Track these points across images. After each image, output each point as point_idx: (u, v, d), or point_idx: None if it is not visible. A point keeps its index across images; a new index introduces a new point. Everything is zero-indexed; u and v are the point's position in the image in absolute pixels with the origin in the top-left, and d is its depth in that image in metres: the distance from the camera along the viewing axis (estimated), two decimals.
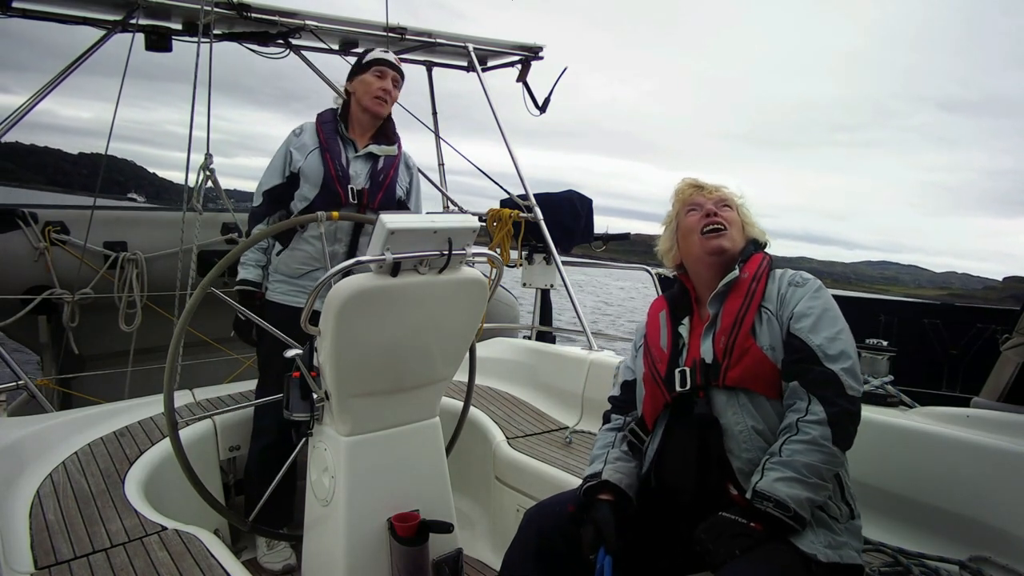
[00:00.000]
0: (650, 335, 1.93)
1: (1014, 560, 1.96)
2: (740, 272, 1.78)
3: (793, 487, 1.52)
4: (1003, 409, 2.80)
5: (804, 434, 1.56)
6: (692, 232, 1.87)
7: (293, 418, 2.01)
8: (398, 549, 2.00)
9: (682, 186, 1.96)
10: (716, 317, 1.78)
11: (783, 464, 1.54)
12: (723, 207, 1.88)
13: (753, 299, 1.74)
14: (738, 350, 1.69)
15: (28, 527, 1.88)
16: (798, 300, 1.71)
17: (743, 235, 1.88)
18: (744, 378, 1.67)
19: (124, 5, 3.59)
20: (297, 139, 2.75)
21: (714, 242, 1.83)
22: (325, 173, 2.67)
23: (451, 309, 2.02)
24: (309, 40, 4.05)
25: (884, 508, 2.17)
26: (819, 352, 1.62)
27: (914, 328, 6.50)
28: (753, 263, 1.81)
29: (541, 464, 2.60)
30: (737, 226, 1.87)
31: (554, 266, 4.43)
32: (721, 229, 1.83)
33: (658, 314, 1.95)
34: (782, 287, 1.76)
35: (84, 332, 4.00)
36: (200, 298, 1.98)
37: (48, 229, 3.91)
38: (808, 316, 1.68)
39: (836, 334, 1.65)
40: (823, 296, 1.73)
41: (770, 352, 1.68)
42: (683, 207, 1.92)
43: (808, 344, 1.64)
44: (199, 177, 3.42)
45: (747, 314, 1.72)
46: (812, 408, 1.58)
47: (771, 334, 1.70)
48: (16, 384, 3.09)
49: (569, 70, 4.77)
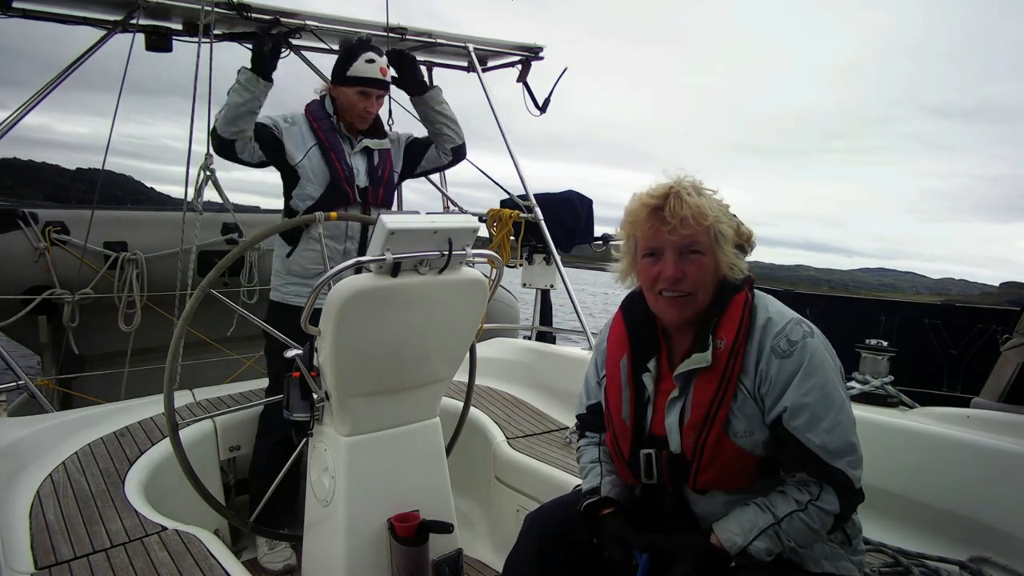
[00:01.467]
0: (611, 396, 1.66)
1: (1014, 560, 1.96)
2: (715, 342, 1.49)
3: (772, 547, 1.45)
4: (1003, 409, 2.81)
5: (812, 519, 1.44)
6: (648, 287, 1.57)
7: (293, 418, 2.01)
8: (398, 549, 2.00)
9: (635, 207, 1.55)
10: (686, 395, 1.52)
11: (779, 535, 1.45)
12: (690, 253, 1.50)
13: (730, 383, 1.47)
14: (710, 450, 1.48)
15: (28, 527, 1.88)
16: (786, 383, 1.44)
17: (716, 278, 1.53)
18: (718, 480, 1.50)
19: (124, 5, 3.59)
20: (289, 125, 2.69)
21: (673, 313, 1.54)
22: (332, 173, 2.67)
23: (451, 309, 2.02)
24: (309, 40, 4.05)
25: (884, 508, 2.17)
26: (820, 452, 1.42)
27: (914, 328, 6.51)
28: (731, 321, 1.49)
29: (541, 464, 2.59)
30: (708, 275, 1.52)
31: (554, 266, 4.44)
32: (682, 297, 1.52)
33: (618, 364, 1.65)
34: (762, 356, 1.47)
35: (84, 332, 4.01)
36: (199, 300, 1.98)
37: (48, 229, 3.91)
38: (804, 410, 1.42)
39: (834, 421, 1.43)
40: (816, 372, 1.44)
41: (746, 440, 1.47)
42: (639, 243, 1.57)
43: (807, 446, 1.42)
44: (199, 177, 3.42)
45: (722, 405, 1.47)
46: (826, 498, 1.44)
47: (746, 417, 1.47)
48: (16, 384, 3.09)
49: (565, 80, 4.77)
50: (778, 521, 1.44)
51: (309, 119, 2.72)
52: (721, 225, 1.51)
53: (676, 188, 1.51)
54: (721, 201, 1.57)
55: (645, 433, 1.60)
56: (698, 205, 1.49)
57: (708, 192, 1.55)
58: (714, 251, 1.51)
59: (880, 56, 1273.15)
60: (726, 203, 1.58)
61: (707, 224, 1.49)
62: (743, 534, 1.45)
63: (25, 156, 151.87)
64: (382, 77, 2.71)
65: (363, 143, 2.78)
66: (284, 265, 2.73)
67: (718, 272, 1.53)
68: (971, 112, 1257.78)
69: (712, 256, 1.52)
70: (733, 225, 1.55)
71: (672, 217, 1.48)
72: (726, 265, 1.52)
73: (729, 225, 1.53)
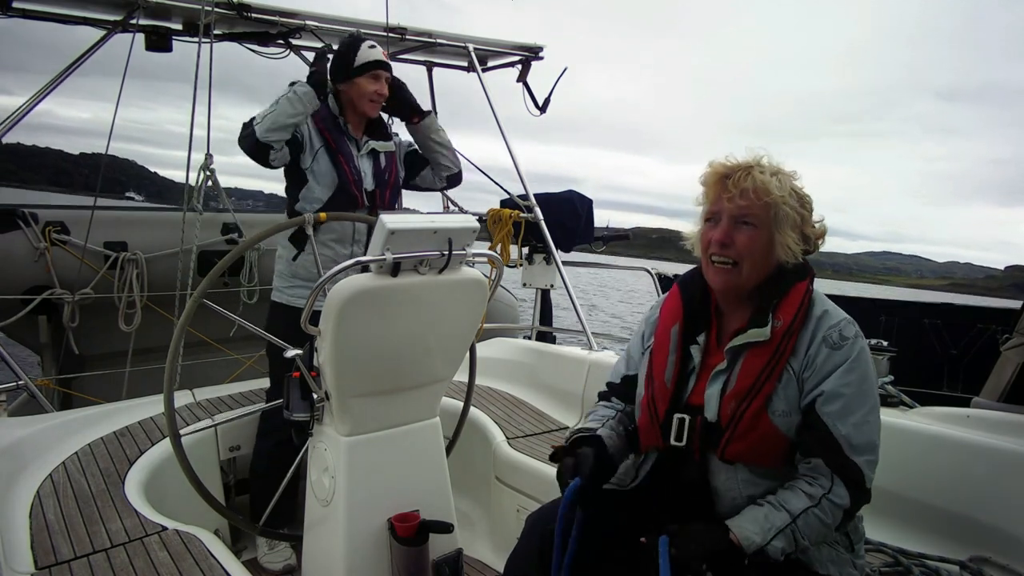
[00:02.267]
0: (656, 358, 1.70)
1: (1014, 560, 1.96)
2: (773, 320, 1.52)
3: (787, 547, 1.45)
4: (1003, 409, 2.81)
5: (825, 514, 1.45)
6: (703, 251, 1.63)
7: (293, 418, 2.01)
8: (398, 549, 2.00)
9: (708, 173, 1.62)
10: (732, 369, 1.56)
11: (795, 533, 1.45)
12: (743, 224, 1.55)
13: (780, 361, 1.51)
14: (747, 422, 1.51)
15: (28, 527, 1.88)
16: (829, 371, 1.49)
17: (767, 261, 1.56)
18: (746, 454, 1.52)
19: (124, 5, 3.59)
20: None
21: (718, 280, 1.59)
22: (340, 177, 2.66)
23: (451, 309, 2.02)
24: (309, 40, 4.05)
25: (884, 508, 2.17)
26: (843, 443, 1.45)
27: (914, 328, 6.51)
28: (791, 305, 1.53)
29: (541, 464, 2.59)
30: (756, 254, 1.55)
31: (554, 266, 4.44)
32: (728, 265, 1.56)
33: (669, 331, 1.70)
34: (814, 342, 1.51)
35: (84, 332, 4.00)
36: (196, 304, 1.98)
37: (48, 229, 3.91)
38: (839, 399, 1.47)
39: (864, 417, 1.47)
40: (859, 368, 1.49)
41: (782, 419, 1.50)
42: (704, 209, 1.64)
43: (833, 434, 1.46)
44: (199, 177, 3.42)
45: (769, 380, 1.50)
46: (838, 491, 1.46)
47: (787, 398, 1.51)
48: (16, 384, 3.09)
49: (568, 64, 4.77)
50: (794, 519, 1.45)
51: (314, 120, 2.70)
52: (786, 207, 1.54)
53: (750, 163, 1.57)
54: (800, 189, 1.60)
55: (683, 400, 1.64)
56: (764, 182, 1.53)
57: (786, 176, 1.58)
58: (769, 227, 1.55)
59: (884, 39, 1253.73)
60: (807, 194, 1.61)
61: (767, 200, 1.53)
62: (761, 533, 1.44)
63: (29, 142, 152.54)
64: (386, 59, 2.75)
65: (369, 145, 2.77)
66: (290, 268, 2.72)
67: (771, 250, 1.56)
68: (974, 95, 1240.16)
69: (766, 231, 1.55)
70: (801, 212, 1.57)
71: (734, 186, 1.55)
72: (780, 245, 1.55)
73: (796, 210, 1.56)
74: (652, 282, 5.08)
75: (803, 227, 1.58)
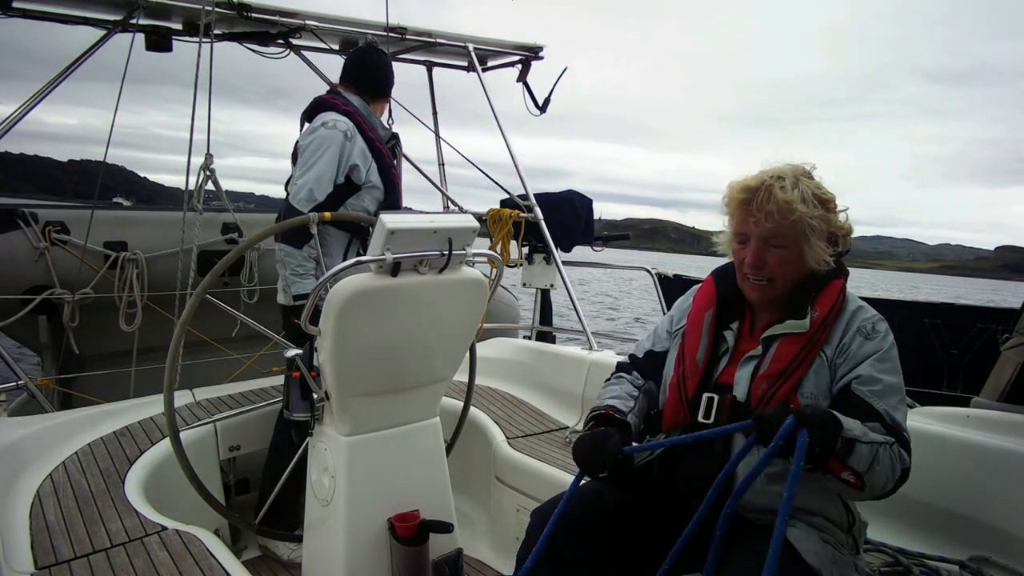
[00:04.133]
0: (689, 339, 1.75)
1: (1014, 560, 1.96)
2: (811, 312, 1.58)
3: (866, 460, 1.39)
4: (1003, 409, 2.81)
5: (895, 457, 1.44)
6: (737, 267, 1.70)
7: (293, 418, 2.01)
8: (398, 549, 2.00)
9: (729, 196, 1.67)
10: (766, 355, 1.61)
11: (878, 454, 1.41)
12: (771, 248, 1.60)
13: (814, 348, 1.56)
14: (776, 402, 1.54)
15: (28, 527, 1.88)
16: (863, 358, 1.54)
17: (800, 270, 1.62)
18: None
19: (124, 5, 3.59)
20: (351, 144, 2.61)
21: (754, 296, 1.67)
22: (390, 185, 2.70)
23: (451, 309, 2.02)
24: (309, 40, 4.05)
25: (884, 508, 2.16)
26: (886, 416, 1.48)
27: (914, 328, 6.50)
28: (828, 298, 1.60)
29: (541, 464, 2.59)
30: (789, 267, 1.61)
31: (554, 266, 4.44)
32: (763, 282, 1.63)
33: (703, 314, 1.76)
34: (848, 332, 1.57)
35: (84, 332, 4.00)
36: (197, 303, 1.98)
37: (48, 229, 3.91)
38: (876, 383, 1.52)
39: (897, 405, 1.52)
40: (891, 360, 1.55)
41: (810, 402, 1.55)
42: (732, 227, 1.69)
43: (875, 407, 1.48)
44: (199, 177, 3.42)
45: (802, 365, 1.56)
46: (902, 452, 1.46)
47: (817, 383, 1.55)
48: (16, 384, 3.09)
49: (556, 55, 4.78)
50: (879, 444, 1.43)
51: (363, 128, 2.67)
52: (812, 220, 1.57)
53: (769, 182, 1.59)
54: (822, 191, 1.62)
55: (712, 380, 1.68)
56: (787, 201, 1.56)
57: (806, 181, 1.61)
58: (799, 244, 1.59)
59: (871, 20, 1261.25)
60: (827, 192, 1.62)
61: (793, 219, 1.56)
62: (860, 432, 1.41)
63: (16, 150, 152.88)
64: None
65: (392, 150, 2.83)
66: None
67: (802, 263, 1.61)
68: (963, 75, 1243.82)
69: (795, 248, 1.59)
70: (826, 219, 1.60)
71: (758, 211, 1.58)
72: (812, 259, 1.60)
73: (822, 219, 1.59)
74: (652, 282, 5.08)
75: (830, 230, 1.62)
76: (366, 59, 2.87)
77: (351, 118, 2.65)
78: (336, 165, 2.56)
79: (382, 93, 2.80)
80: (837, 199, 1.66)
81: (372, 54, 2.90)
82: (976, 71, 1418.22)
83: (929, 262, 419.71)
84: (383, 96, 2.80)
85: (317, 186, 2.54)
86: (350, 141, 2.60)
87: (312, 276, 2.56)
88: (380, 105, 2.80)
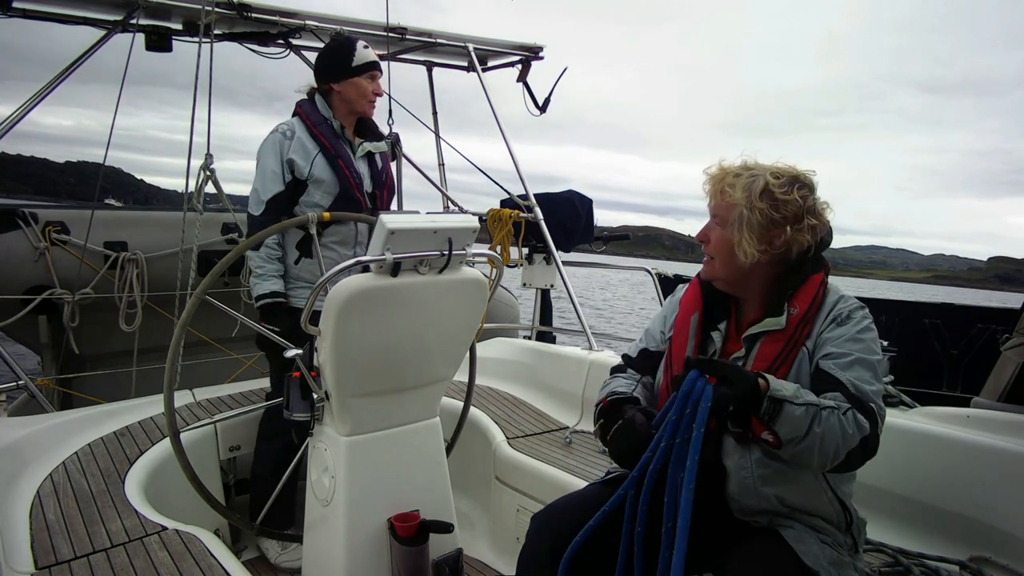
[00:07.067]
0: (675, 344, 1.76)
1: (1014, 560, 1.96)
2: (789, 309, 1.60)
3: (804, 420, 1.40)
4: (1003, 409, 2.81)
5: (847, 423, 1.42)
6: None
7: (293, 418, 2.01)
8: (398, 549, 2.00)
9: (707, 175, 1.73)
10: (749, 355, 1.62)
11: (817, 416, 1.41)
12: (715, 226, 1.67)
13: (796, 345, 1.58)
14: None
15: (28, 527, 1.88)
16: (833, 340, 1.56)
17: (732, 260, 1.63)
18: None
19: (124, 5, 3.59)
20: (290, 141, 2.63)
21: (704, 269, 1.72)
22: (342, 181, 2.65)
23: (451, 309, 2.02)
24: (309, 40, 4.05)
25: (884, 508, 2.17)
26: (848, 385, 1.48)
27: (914, 328, 6.50)
28: (807, 294, 1.61)
29: (541, 464, 2.59)
30: (723, 252, 1.65)
31: (554, 266, 4.44)
32: (708, 257, 1.70)
33: (688, 318, 1.77)
34: (825, 323, 1.59)
35: (84, 332, 4.01)
36: (196, 305, 1.98)
37: (48, 229, 3.91)
38: (843, 357, 1.52)
39: (867, 378, 1.50)
40: (865, 340, 1.55)
41: None
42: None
43: (839, 379, 1.49)
44: (200, 178, 3.42)
45: (784, 363, 1.57)
46: (859, 416, 1.44)
47: (800, 378, 1.56)
48: (16, 384, 3.09)
49: (554, 61, 4.78)
50: (820, 408, 1.42)
51: (307, 124, 2.66)
52: (747, 212, 1.59)
53: (736, 170, 1.66)
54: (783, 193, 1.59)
55: None
56: (731, 185, 1.63)
57: (768, 180, 1.60)
58: (731, 229, 1.62)
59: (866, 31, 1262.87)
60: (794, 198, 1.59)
61: (729, 202, 1.62)
62: (793, 393, 1.42)
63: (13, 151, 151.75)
64: (376, 58, 2.76)
65: (364, 147, 2.77)
66: (291, 271, 2.70)
67: (733, 250, 1.62)
68: (957, 86, 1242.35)
69: (728, 233, 1.63)
70: (769, 218, 1.58)
71: (715, 187, 1.68)
72: (738, 248, 1.61)
73: (762, 215, 1.58)
74: (652, 282, 5.08)
75: (771, 233, 1.59)
76: (321, 51, 2.83)
77: (298, 117, 2.69)
78: (279, 164, 2.61)
79: (326, 72, 2.69)
80: (834, 206, 1.65)
81: (329, 43, 2.84)
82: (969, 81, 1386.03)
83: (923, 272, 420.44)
84: (332, 77, 2.68)
85: (262, 187, 2.62)
86: (289, 139, 2.63)
87: (273, 277, 2.61)
88: (344, 89, 2.67)
